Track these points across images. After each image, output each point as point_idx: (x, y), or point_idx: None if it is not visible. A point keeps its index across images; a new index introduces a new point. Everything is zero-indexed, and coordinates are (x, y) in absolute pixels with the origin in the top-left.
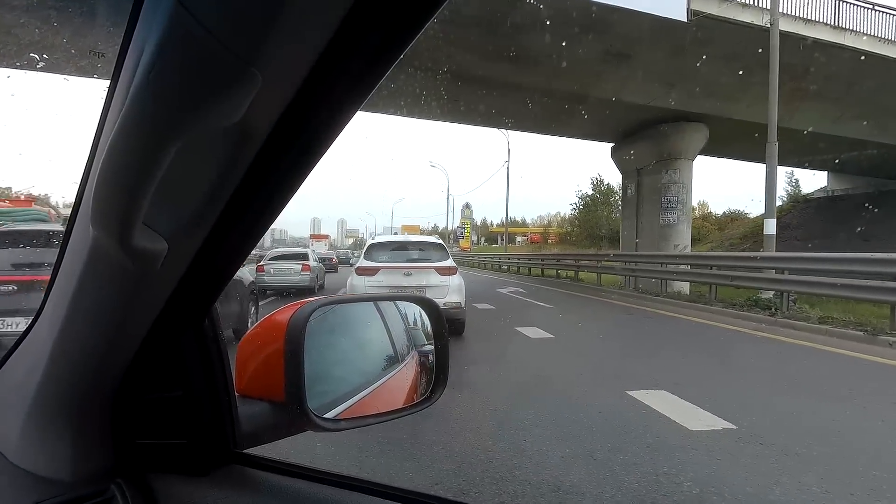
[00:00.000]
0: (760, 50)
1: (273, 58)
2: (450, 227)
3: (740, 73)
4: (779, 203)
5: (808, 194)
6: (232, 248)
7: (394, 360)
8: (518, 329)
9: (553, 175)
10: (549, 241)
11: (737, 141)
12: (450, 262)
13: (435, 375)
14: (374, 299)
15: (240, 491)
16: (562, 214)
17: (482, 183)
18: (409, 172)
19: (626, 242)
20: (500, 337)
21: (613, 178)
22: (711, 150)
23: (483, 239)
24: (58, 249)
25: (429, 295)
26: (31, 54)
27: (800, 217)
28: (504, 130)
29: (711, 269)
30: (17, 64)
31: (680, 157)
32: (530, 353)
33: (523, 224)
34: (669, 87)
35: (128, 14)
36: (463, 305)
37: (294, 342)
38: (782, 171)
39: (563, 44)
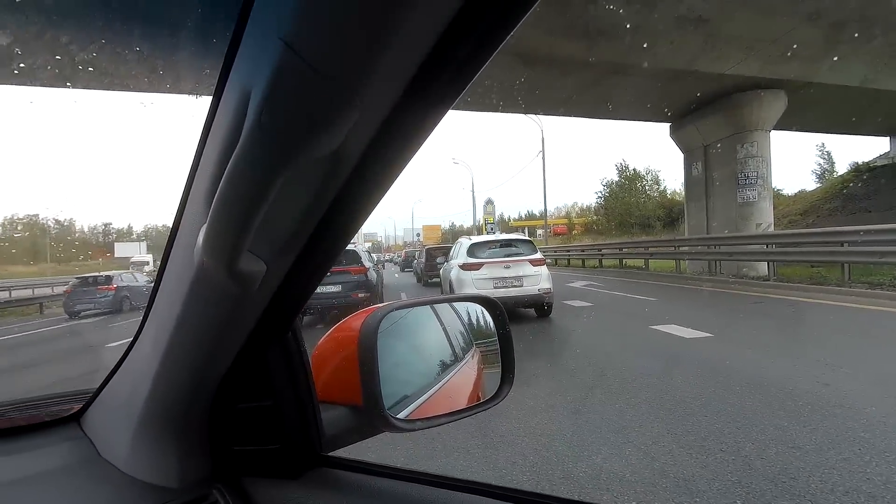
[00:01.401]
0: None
1: (371, 87)
2: (472, 224)
3: (827, 30)
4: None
5: (868, 162)
6: (316, 265)
7: (454, 361)
8: (657, 328)
9: (567, 166)
10: (574, 231)
11: (811, 108)
12: (539, 255)
13: (502, 374)
14: (432, 302)
15: (329, 492)
16: (579, 205)
17: (511, 177)
18: (428, 171)
19: (693, 226)
20: (648, 340)
21: (639, 163)
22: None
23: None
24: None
25: (525, 284)
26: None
27: (866, 188)
28: (537, 117)
29: (843, 245)
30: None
31: (757, 129)
32: (711, 359)
33: (541, 217)
34: (748, 52)
35: (221, 58)
36: (552, 290)
37: (368, 348)
38: (811, 143)
39: (637, 11)
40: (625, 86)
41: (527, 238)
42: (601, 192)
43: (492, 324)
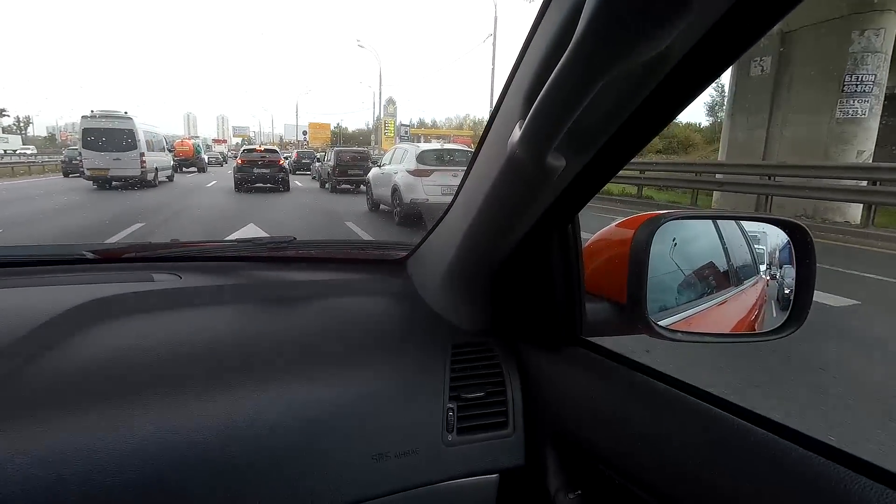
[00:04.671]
0: None
1: None
2: (371, 125)
3: None
4: None
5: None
6: (606, 168)
7: (731, 282)
8: None
9: (463, 71)
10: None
11: None
12: None
13: (791, 307)
14: (718, 217)
15: (583, 370)
16: (472, 117)
17: (438, 69)
18: (322, 55)
19: (738, 147)
20: None
21: None
22: None
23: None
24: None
25: None
26: None
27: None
28: None
29: None
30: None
31: (886, 9)
32: None
33: (434, 126)
34: None
35: None
36: None
37: (640, 251)
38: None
39: None
40: None
41: (468, 149)
42: None
43: (792, 250)
